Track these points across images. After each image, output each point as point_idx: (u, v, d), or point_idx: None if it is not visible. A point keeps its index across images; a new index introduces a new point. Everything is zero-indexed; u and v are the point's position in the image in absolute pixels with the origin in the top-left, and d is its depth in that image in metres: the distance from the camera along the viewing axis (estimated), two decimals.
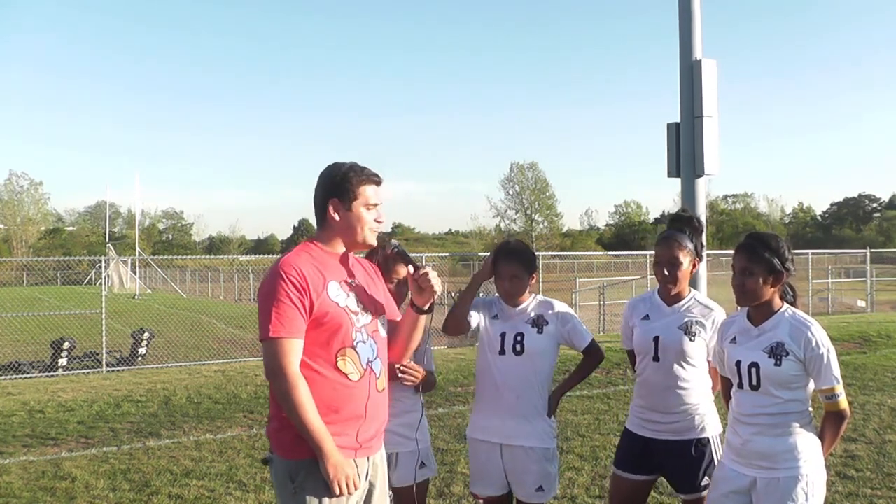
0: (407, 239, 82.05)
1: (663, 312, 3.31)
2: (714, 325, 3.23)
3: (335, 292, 2.51)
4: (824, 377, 2.77)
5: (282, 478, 2.46)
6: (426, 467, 3.34)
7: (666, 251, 3.23)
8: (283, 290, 2.40)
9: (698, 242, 3.29)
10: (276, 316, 2.38)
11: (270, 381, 2.41)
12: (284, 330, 2.37)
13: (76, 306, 23.85)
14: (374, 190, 2.60)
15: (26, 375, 11.31)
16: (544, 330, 3.33)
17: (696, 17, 7.56)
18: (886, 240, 66.74)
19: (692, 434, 3.23)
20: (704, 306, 3.30)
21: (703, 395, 3.27)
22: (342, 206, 2.57)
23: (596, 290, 19.04)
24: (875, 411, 7.69)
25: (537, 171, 68.29)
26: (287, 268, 2.44)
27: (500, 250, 3.37)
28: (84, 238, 76.90)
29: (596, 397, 8.75)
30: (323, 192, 2.59)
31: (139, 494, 5.42)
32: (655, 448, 3.27)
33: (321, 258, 2.56)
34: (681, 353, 3.22)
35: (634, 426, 3.37)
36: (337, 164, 2.63)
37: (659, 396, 3.26)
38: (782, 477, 2.77)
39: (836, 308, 21.38)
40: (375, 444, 2.62)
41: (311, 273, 2.46)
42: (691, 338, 3.22)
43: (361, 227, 2.59)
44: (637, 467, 3.33)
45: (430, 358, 3.49)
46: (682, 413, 3.23)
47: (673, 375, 3.23)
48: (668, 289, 3.28)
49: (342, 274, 2.60)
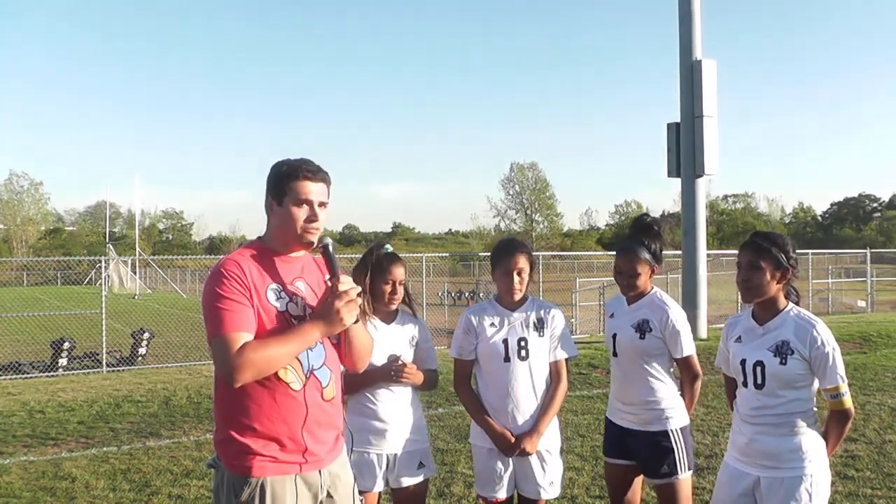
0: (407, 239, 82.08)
1: (624, 311, 3.50)
2: (664, 322, 3.35)
3: (274, 296, 2.40)
4: (829, 376, 2.77)
5: (226, 490, 2.37)
6: (425, 467, 3.35)
7: (626, 263, 3.41)
8: (225, 285, 2.30)
9: (658, 248, 3.43)
10: (220, 312, 2.27)
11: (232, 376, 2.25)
12: (230, 325, 2.25)
13: (76, 306, 23.86)
14: (307, 185, 2.43)
15: (26, 375, 11.30)
16: (544, 332, 3.35)
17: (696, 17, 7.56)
18: (886, 240, 66.79)
19: (654, 426, 3.36)
20: (659, 305, 3.41)
21: (664, 389, 3.38)
22: (276, 202, 2.45)
23: (596, 290, 19.02)
24: (875, 411, 7.69)
25: (537, 171, 68.42)
26: (228, 264, 2.35)
27: (504, 245, 3.38)
28: (84, 238, 76.87)
29: (596, 397, 8.75)
30: (266, 190, 2.50)
31: (139, 494, 5.41)
32: (627, 436, 3.45)
33: (265, 259, 2.45)
34: (634, 349, 3.38)
35: (610, 414, 3.56)
36: (279, 162, 2.50)
37: (620, 390, 3.48)
38: (786, 477, 2.77)
39: (836, 308, 21.37)
40: (330, 456, 2.50)
41: (252, 273, 2.37)
42: (642, 335, 3.37)
43: (293, 224, 2.43)
44: (617, 453, 3.50)
45: (434, 357, 3.50)
46: (643, 405, 3.38)
47: (630, 371, 3.41)
48: (628, 294, 3.47)
49: (287, 276, 2.47)
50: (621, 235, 3.74)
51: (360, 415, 3.29)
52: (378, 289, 3.31)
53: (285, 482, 2.37)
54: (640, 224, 3.47)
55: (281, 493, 2.35)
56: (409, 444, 3.30)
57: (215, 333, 2.26)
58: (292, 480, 2.38)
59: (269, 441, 2.36)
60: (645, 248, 3.39)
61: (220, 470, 2.40)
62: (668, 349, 3.39)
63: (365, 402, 3.28)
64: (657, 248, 3.43)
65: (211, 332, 2.28)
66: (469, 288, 29.40)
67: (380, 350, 3.25)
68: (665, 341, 3.37)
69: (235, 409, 2.36)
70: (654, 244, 3.42)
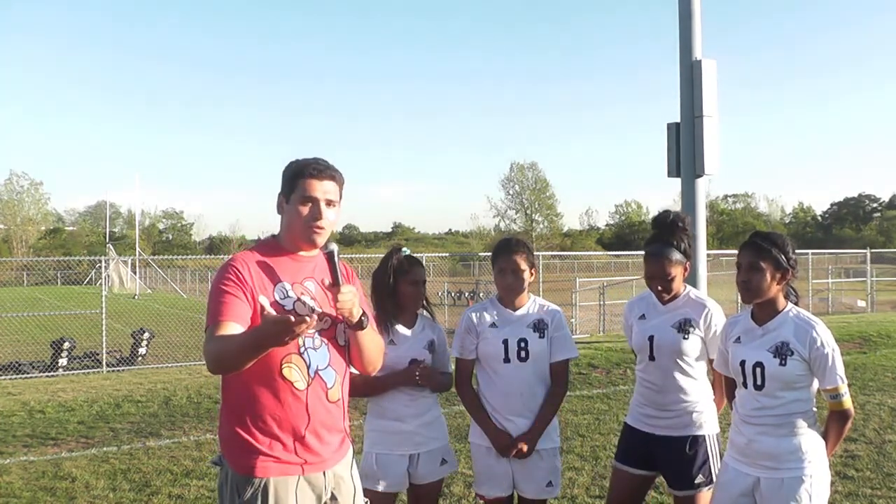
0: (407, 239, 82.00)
1: (658, 311, 3.30)
2: (707, 320, 3.22)
3: (282, 294, 2.40)
4: (829, 376, 2.76)
5: (229, 488, 2.37)
6: (447, 463, 3.41)
7: (658, 269, 3.21)
8: (228, 281, 2.32)
9: (687, 244, 3.22)
10: (218, 305, 2.29)
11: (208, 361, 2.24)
12: (224, 315, 2.26)
13: (76, 306, 23.85)
14: (312, 183, 2.41)
15: (26, 375, 11.30)
16: (545, 334, 3.34)
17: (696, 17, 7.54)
18: (886, 240, 66.77)
19: (689, 431, 3.22)
20: (698, 303, 3.28)
21: (700, 392, 3.26)
22: (284, 201, 2.47)
23: (596, 290, 19.03)
24: (875, 411, 7.69)
25: (537, 171, 68.38)
26: (235, 262, 2.38)
27: (503, 245, 3.37)
28: (84, 238, 76.85)
29: (596, 397, 8.75)
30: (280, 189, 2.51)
31: (139, 494, 5.41)
32: (653, 443, 3.28)
33: (275, 257, 2.45)
34: (675, 351, 3.21)
35: (634, 421, 3.39)
36: (291, 161, 2.50)
37: (656, 394, 3.28)
38: (786, 477, 2.76)
39: (836, 308, 21.37)
40: (334, 457, 2.49)
41: (259, 271, 2.38)
42: (685, 336, 3.20)
43: (298, 222, 2.42)
44: (636, 462, 3.34)
45: (448, 359, 3.52)
46: (678, 410, 3.23)
47: (669, 374, 3.23)
48: (664, 298, 3.28)
49: (297, 275, 2.47)
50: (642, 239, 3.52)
51: (381, 416, 3.33)
52: (404, 290, 3.34)
53: (288, 483, 2.37)
54: (663, 222, 3.24)
55: (284, 494, 2.35)
56: (432, 442, 3.35)
57: (209, 324, 2.29)
58: (295, 481, 2.38)
59: (273, 441, 2.36)
60: (674, 248, 3.18)
61: (224, 468, 2.41)
62: (707, 350, 3.25)
63: (386, 404, 3.31)
64: (686, 244, 3.21)
65: (207, 321, 2.31)
66: (469, 288, 29.38)
67: (402, 354, 3.30)
68: (706, 341, 3.23)
69: (240, 407, 2.37)
70: (683, 241, 3.21)
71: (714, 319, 3.22)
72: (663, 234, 3.23)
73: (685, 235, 3.22)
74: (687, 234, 3.23)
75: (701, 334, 3.22)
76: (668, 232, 3.22)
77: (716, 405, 3.33)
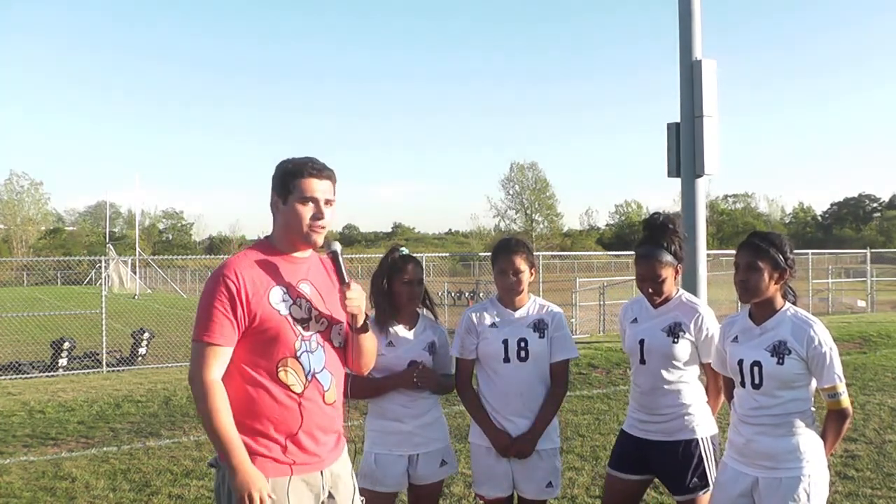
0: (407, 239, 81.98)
1: (650, 315, 3.29)
2: (698, 323, 3.19)
3: (277, 298, 2.38)
4: (826, 375, 2.76)
5: (227, 489, 2.37)
6: (447, 464, 3.40)
7: (648, 271, 3.19)
8: (220, 295, 2.32)
9: (678, 246, 3.20)
10: (208, 320, 2.31)
11: (190, 384, 2.35)
12: (213, 335, 2.30)
13: (76, 306, 23.85)
14: (312, 183, 2.40)
15: (26, 375, 11.31)
16: (545, 334, 3.33)
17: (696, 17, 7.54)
18: (886, 240, 66.74)
19: (681, 435, 3.19)
20: (689, 306, 3.25)
21: (693, 395, 3.23)
22: (280, 201, 2.44)
23: (596, 290, 19.02)
24: (875, 411, 7.69)
25: (537, 171, 68.35)
26: (228, 271, 2.35)
27: (503, 245, 3.37)
28: (84, 238, 76.86)
29: (596, 397, 8.75)
30: (272, 189, 2.48)
31: (139, 494, 5.41)
32: (647, 448, 3.27)
33: (270, 259, 2.44)
34: (665, 355, 3.19)
35: (628, 426, 3.38)
36: (284, 160, 2.47)
37: (647, 398, 3.26)
38: (784, 477, 2.76)
39: (836, 308, 21.38)
40: (331, 456, 2.51)
41: (254, 277, 2.36)
42: (675, 339, 3.18)
43: (299, 222, 2.41)
44: (629, 467, 3.32)
45: (450, 361, 3.51)
46: (670, 414, 3.21)
47: (660, 377, 3.21)
48: (655, 300, 3.28)
49: (293, 277, 2.45)
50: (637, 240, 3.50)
51: (380, 417, 3.33)
52: (398, 290, 3.33)
53: (286, 483, 2.38)
54: (653, 224, 3.23)
55: (282, 494, 2.36)
56: (431, 443, 3.34)
57: (198, 337, 2.32)
58: (293, 481, 2.39)
59: (270, 442, 2.37)
60: (665, 250, 3.17)
61: (221, 469, 2.41)
62: (698, 353, 3.22)
63: (385, 405, 3.31)
64: (677, 246, 3.19)
65: (195, 332, 2.34)
66: (469, 288, 29.39)
67: (402, 356, 3.30)
68: (697, 345, 3.20)
69: (237, 409, 2.37)
70: (673, 243, 3.19)
71: (705, 323, 3.19)
72: (654, 235, 3.22)
73: (676, 237, 3.20)
74: (678, 235, 3.21)
75: (692, 338, 3.19)
76: (659, 234, 3.21)
77: (711, 408, 3.31)
